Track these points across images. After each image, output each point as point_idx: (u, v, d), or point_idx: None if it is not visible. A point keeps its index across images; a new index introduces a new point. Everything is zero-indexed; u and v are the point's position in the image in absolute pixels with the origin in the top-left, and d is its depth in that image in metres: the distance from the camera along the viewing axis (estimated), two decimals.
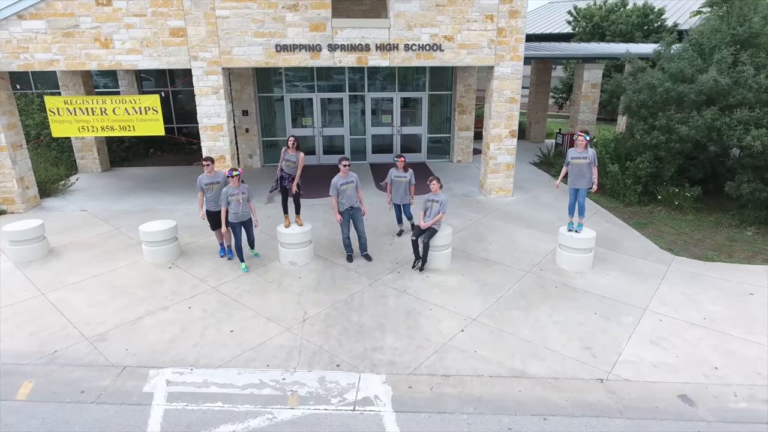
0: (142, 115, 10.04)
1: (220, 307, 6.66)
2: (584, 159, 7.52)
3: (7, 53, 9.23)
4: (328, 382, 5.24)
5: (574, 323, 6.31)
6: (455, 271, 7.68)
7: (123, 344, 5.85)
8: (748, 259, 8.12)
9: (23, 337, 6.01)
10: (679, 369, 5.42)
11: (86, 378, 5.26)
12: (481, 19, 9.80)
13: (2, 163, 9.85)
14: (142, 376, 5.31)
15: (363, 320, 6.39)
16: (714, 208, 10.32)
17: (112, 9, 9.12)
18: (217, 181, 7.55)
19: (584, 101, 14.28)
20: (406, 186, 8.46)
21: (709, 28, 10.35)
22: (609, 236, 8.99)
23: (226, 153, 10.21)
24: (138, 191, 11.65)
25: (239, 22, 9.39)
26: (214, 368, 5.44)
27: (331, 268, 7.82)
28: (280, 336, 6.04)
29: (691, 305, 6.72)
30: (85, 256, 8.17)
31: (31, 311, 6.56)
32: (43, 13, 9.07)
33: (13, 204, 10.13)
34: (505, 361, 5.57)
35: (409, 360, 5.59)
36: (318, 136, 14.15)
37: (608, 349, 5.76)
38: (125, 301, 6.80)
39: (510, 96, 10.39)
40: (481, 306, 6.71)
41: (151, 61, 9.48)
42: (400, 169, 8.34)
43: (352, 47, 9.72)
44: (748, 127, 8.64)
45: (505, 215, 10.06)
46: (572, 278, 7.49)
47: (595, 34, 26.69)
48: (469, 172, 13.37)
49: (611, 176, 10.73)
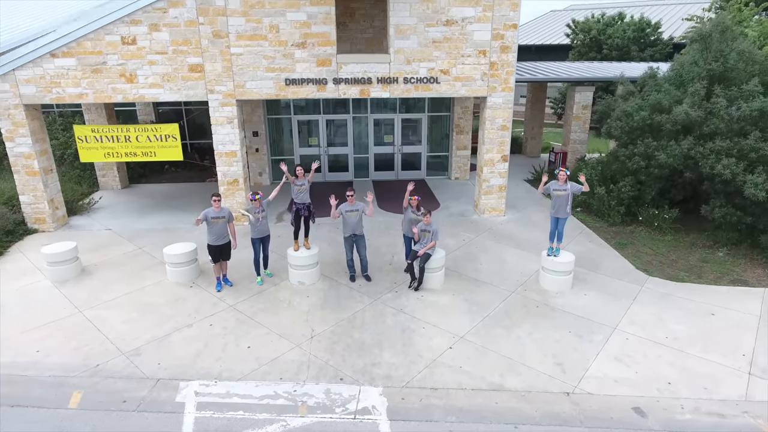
0: (163, 142, 10.94)
1: (238, 325, 7.54)
2: (564, 191, 8.33)
3: (41, 87, 10.15)
4: (333, 394, 6.09)
5: (551, 341, 7.13)
6: (447, 291, 8.51)
7: (155, 358, 6.73)
8: (715, 280, 8.91)
9: (68, 351, 6.91)
10: (637, 384, 6.24)
11: (126, 389, 6.15)
12: (474, 54, 10.62)
13: (35, 187, 10.78)
14: (174, 387, 6.19)
15: (364, 337, 7.24)
16: (692, 227, 11.08)
17: (136, 47, 10.02)
18: (223, 216, 8.18)
19: (575, 122, 15.06)
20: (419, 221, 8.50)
21: (689, 60, 11.12)
22: (590, 256, 9.80)
23: (239, 177, 11.09)
24: (157, 209, 12.55)
25: (252, 58, 10.26)
26: (235, 381, 6.31)
27: (335, 287, 8.68)
28: (291, 352, 6.90)
29: (657, 324, 7.53)
30: (114, 275, 9.07)
31: (72, 327, 7.46)
32: (74, 52, 9.98)
33: (45, 223, 11.05)
34: (487, 375, 6.41)
35: (402, 374, 6.44)
36: (324, 154, 15.02)
37: (577, 366, 6.58)
38: (154, 318, 7.69)
39: (502, 124, 11.21)
40: (469, 324, 7.55)
41: (172, 94, 10.37)
42: (414, 206, 8.55)
43: (356, 80, 10.57)
44: (720, 157, 9.42)
45: (497, 235, 10.88)
46: (553, 298, 8.30)
47: (593, 47, 27.41)
48: (466, 189, 14.19)
49: (597, 198, 11.53)
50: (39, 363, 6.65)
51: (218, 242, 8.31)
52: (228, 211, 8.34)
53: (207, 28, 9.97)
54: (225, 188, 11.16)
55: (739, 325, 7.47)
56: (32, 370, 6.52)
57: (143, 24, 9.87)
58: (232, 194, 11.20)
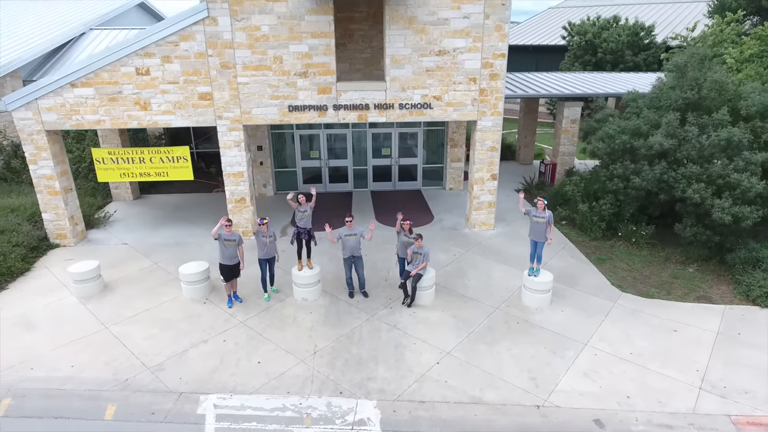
0: (174, 163, 11.73)
1: (248, 341, 8.41)
2: (542, 219, 9.13)
3: (62, 115, 10.92)
4: (334, 407, 6.98)
5: (527, 356, 8.00)
6: (438, 307, 9.37)
7: (177, 373, 7.62)
8: (682, 296, 9.75)
9: (99, 366, 7.79)
10: (600, 397, 7.12)
11: (154, 402, 7.04)
12: (465, 82, 11.34)
13: (57, 205, 11.60)
14: (195, 400, 7.08)
15: (361, 352, 8.12)
16: (668, 241, 11.87)
17: (150, 78, 10.76)
18: (234, 239, 9.02)
19: (564, 135, 15.78)
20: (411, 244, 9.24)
21: (669, 84, 11.83)
22: (570, 272, 10.63)
23: (246, 195, 11.89)
24: (168, 222, 13.38)
25: (257, 87, 11.00)
26: (248, 394, 7.19)
27: (336, 303, 9.55)
28: (296, 367, 7.78)
29: (624, 340, 8.39)
30: (134, 291, 9.93)
31: (100, 343, 8.34)
32: (92, 82, 10.73)
33: (65, 239, 11.90)
34: (468, 389, 7.29)
35: (395, 388, 7.32)
36: (324, 166, 15.80)
37: (549, 380, 7.46)
38: (173, 334, 8.57)
39: (491, 145, 11.97)
40: (456, 340, 8.41)
41: (183, 120, 11.13)
42: (406, 230, 9.29)
43: (354, 106, 11.32)
44: (691, 181, 10.20)
45: (486, 250, 11.71)
46: (532, 314, 9.16)
47: (588, 50, 27.94)
48: (459, 200, 14.98)
49: (580, 213, 12.33)
50: (74, 378, 7.53)
51: (229, 263, 9.15)
52: (239, 235, 9.17)
53: (215, 60, 10.70)
54: (233, 206, 11.98)
55: (698, 342, 8.33)
56: (69, 384, 7.41)
57: (156, 56, 10.60)
58: (239, 211, 12.02)
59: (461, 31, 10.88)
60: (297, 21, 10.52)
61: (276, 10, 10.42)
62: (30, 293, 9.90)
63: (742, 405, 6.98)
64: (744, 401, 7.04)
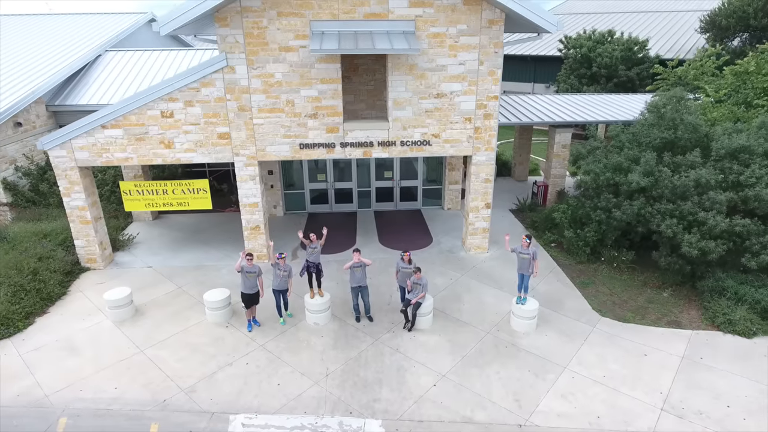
0: (195, 195, 12.82)
1: (268, 363, 9.54)
2: (528, 255, 10.22)
3: (93, 153, 11.99)
4: (345, 425, 8.11)
5: (513, 379, 9.12)
6: (435, 332, 10.48)
7: (207, 395, 8.75)
8: (655, 321, 10.85)
9: (139, 388, 8.93)
10: (574, 417, 8.24)
11: (190, 421, 8.18)
12: (461, 121, 12.39)
13: (88, 233, 12.71)
14: (225, 420, 8.21)
15: (367, 375, 9.24)
16: (647, 265, 12.90)
17: (173, 120, 11.82)
18: (254, 271, 10.15)
19: (556, 159, 16.82)
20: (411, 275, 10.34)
21: (649, 121, 12.85)
22: (556, 296, 11.73)
23: (260, 224, 12.99)
24: (187, 245, 14.48)
25: (271, 127, 12.06)
26: (271, 414, 8.33)
27: (344, 327, 10.67)
28: (311, 389, 8.91)
29: (599, 364, 9.50)
30: (162, 315, 11.06)
31: (138, 366, 9.47)
32: (121, 124, 11.79)
33: (95, 263, 13.02)
34: (460, 410, 8.41)
35: (397, 409, 8.45)
36: (330, 188, 16.87)
37: (531, 402, 8.58)
38: (201, 358, 9.70)
39: (485, 178, 13.04)
40: (450, 363, 9.53)
41: (203, 157, 12.21)
42: (405, 261, 10.47)
43: (359, 144, 12.38)
44: (665, 217, 11.26)
45: (480, 274, 12.81)
46: (519, 338, 10.27)
47: (584, 63, 28.89)
48: (456, 222, 16.06)
49: (567, 239, 13.41)
50: (119, 399, 8.68)
51: (250, 291, 10.27)
52: (258, 267, 10.27)
53: (233, 104, 11.75)
54: (248, 232, 13.08)
55: (664, 366, 9.44)
56: (115, 405, 8.55)
57: (179, 101, 11.65)
58: (254, 237, 13.13)
59: (457, 76, 11.91)
60: (308, 69, 11.55)
61: (288, 59, 11.45)
62: (69, 317, 11.03)
63: (696, 425, 8.10)
64: (698, 421, 8.16)
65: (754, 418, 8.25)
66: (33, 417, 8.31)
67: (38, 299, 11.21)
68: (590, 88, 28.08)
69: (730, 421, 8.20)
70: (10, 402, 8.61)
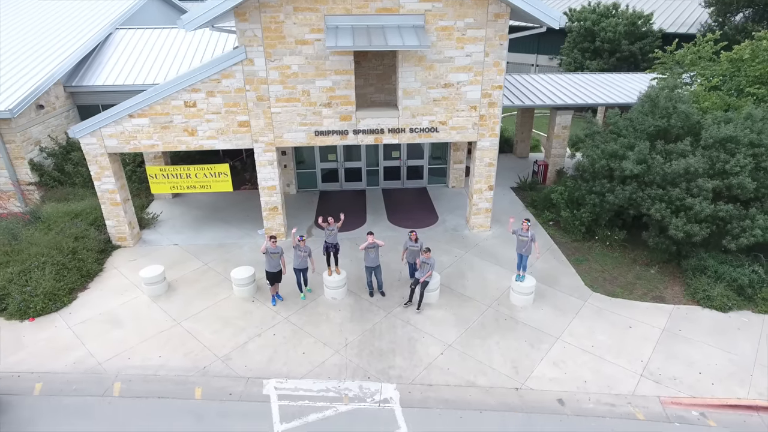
0: (216, 178, 13.69)
1: (293, 335, 10.68)
2: (526, 237, 11.19)
3: (121, 140, 12.78)
4: (364, 389, 9.31)
5: (511, 349, 10.27)
6: (441, 306, 11.59)
7: (242, 362, 9.92)
8: (641, 296, 11.94)
9: (180, 356, 10.09)
10: (564, 382, 9.43)
11: (229, 385, 9.37)
12: (467, 109, 13.10)
13: (118, 214, 13.66)
14: (259, 384, 9.40)
15: (382, 345, 10.40)
16: (637, 243, 13.87)
17: (196, 109, 12.54)
18: (278, 252, 11.15)
19: (556, 140, 17.55)
20: (418, 252, 11.55)
21: (645, 110, 13.54)
22: (552, 273, 12.79)
23: (278, 205, 13.91)
24: (208, 223, 15.44)
25: (288, 115, 12.80)
26: (299, 379, 9.51)
27: (359, 302, 11.77)
28: (332, 357, 10.07)
29: (588, 335, 10.64)
30: (193, 291, 12.14)
31: (176, 337, 10.62)
32: (147, 113, 12.53)
33: (125, 241, 14.03)
34: (465, 375, 9.60)
35: (409, 374, 9.63)
36: (341, 168, 17.70)
37: (526, 368, 9.75)
38: (232, 330, 10.83)
39: (489, 162, 13.86)
40: (455, 335, 10.67)
41: (224, 143, 13.00)
42: (412, 240, 11.57)
43: (371, 131, 13.14)
44: (654, 201, 12.16)
45: (482, 252, 13.84)
46: (518, 312, 11.39)
47: (587, 37, 29.04)
48: (460, 200, 16.97)
49: (564, 218, 14.37)
50: (164, 366, 9.85)
51: (274, 270, 11.31)
52: (281, 248, 11.27)
53: (252, 94, 12.45)
54: (267, 213, 14.02)
55: (646, 337, 10.58)
56: (161, 371, 9.73)
57: (201, 92, 12.34)
58: (272, 218, 14.08)
59: (464, 67, 12.55)
60: (322, 61, 12.19)
61: (304, 52, 12.07)
62: (108, 293, 12.12)
63: (671, 389, 9.29)
64: (672, 386, 9.36)
65: (721, 384, 9.44)
66: (90, 382, 9.50)
67: (79, 276, 12.27)
68: (593, 62, 28.39)
69: (700, 385, 9.40)
70: (68, 369, 9.79)
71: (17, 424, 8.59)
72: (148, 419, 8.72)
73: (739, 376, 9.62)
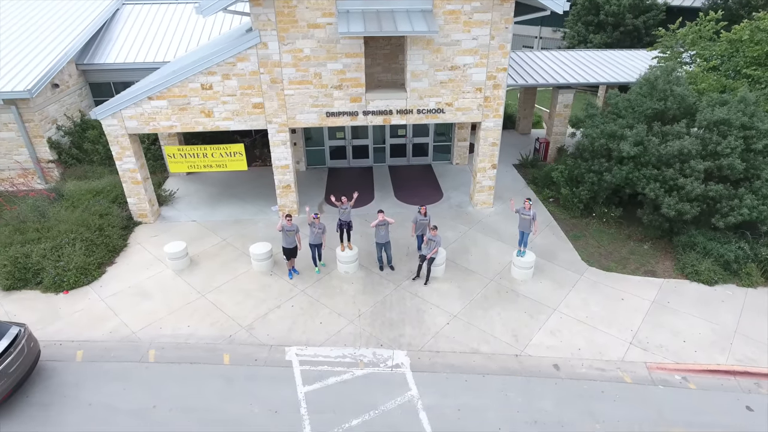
0: (231, 157, 14.29)
1: (309, 306, 11.54)
2: (528, 216, 11.90)
3: (141, 122, 13.31)
4: (377, 355, 10.21)
5: (512, 319, 11.15)
6: (447, 279, 12.42)
7: (264, 331, 10.80)
8: (633, 270, 12.76)
9: (207, 326, 10.97)
10: (559, 349, 10.33)
11: (254, 352, 10.28)
12: (472, 91, 13.58)
13: (139, 192, 14.33)
14: (281, 351, 10.31)
15: (392, 316, 11.27)
16: (632, 220, 14.61)
17: (212, 92, 13.03)
18: (293, 229, 11.88)
19: (558, 118, 18.03)
20: (426, 226, 12.45)
21: (644, 92, 14.01)
22: (551, 249, 13.57)
23: (291, 183, 14.56)
24: (223, 200, 16.12)
25: (301, 97, 13.29)
26: (317, 346, 10.41)
27: (370, 275, 12.59)
28: (347, 326, 10.95)
29: (583, 307, 11.50)
30: (214, 265, 12.94)
31: (202, 309, 11.47)
32: (166, 95, 13.01)
33: (146, 217, 14.75)
34: (469, 343, 10.49)
35: (418, 342, 10.53)
36: (348, 145, 18.24)
37: (526, 337, 10.64)
38: (254, 301, 11.68)
39: (492, 142, 14.43)
40: (460, 306, 11.53)
41: (239, 124, 13.54)
42: (422, 214, 12.37)
43: (380, 112, 13.65)
44: (649, 181, 12.82)
45: (485, 228, 14.58)
46: (518, 285, 12.22)
47: (591, 9, 28.97)
48: (464, 177, 17.61)
49: (563, 196, 15.05)
50: (193, 334, 10.74)
51: (290, 246, 12.07)
52: (296, 225, 12.00)
53: (266, 77, 12.90)
54: (280, 190, 14.69)
55: (637, 309, 11.44)
56: (191, 339, 10.62)
57: (217, 75, 12.80)
58: (285, 195, 14.76)
59: (470, 50, 12.96)
60: (333, 44, 12.60)
61: (316, 36, 12.47)
62: (134, 267, 12.92)
63: (656, 355, 10.20)
64: (658, 353, 10.27)
65: (703, 351, 10.35)
66: (127, 350, 10.40)
67: (106, 251, 13.04)
68: (596, 36, 28.42)
69: (683, 352, 10.31)
70: (105, 338, 10.68)
71: (65, 387, 9.52)
72: (182, 382, 9.65)
73: (720, 344, 10.52)
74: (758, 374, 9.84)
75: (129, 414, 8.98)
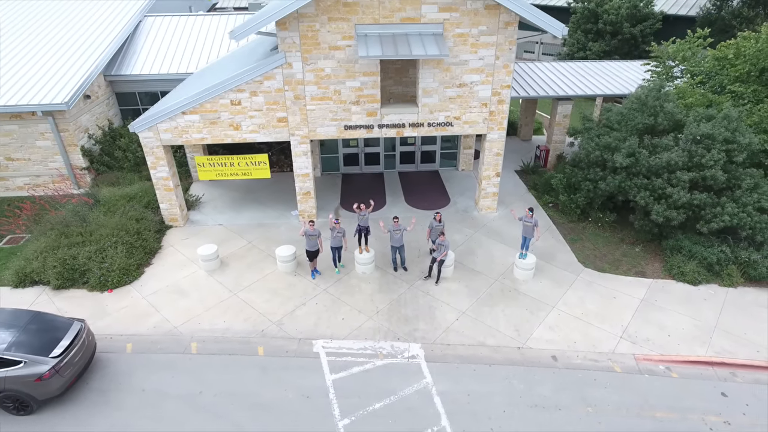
0: (256, 166, 15.50)
1: (332, 304, 12.77)
2: (530, 223, 13.11)
3: (175, 134, 14.51)
4: (395, 347, 11.46)
5: (515, 316, 12.38)
6: (456, 279, 13.65)
7: (293, 326, 12.04)
8: (625, 271, 13.98)
9: (241, 322, 12.21)
10: (557, 343, 11.57)
11: (284, 345, 11.52)
12: (478, 106, 14.77)
13: (171, 198, 15.55)
14: (309, 344, 11.55)
15: (407, 312, 12.50)
16: (625, 224, 15.80)
17: (241, 107, 14.22)
18: (315, 234, 13.11)
19: (557, 127, 19.22)
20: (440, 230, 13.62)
21: (634, 108, 15.18)
22: (550, 251, 14.80)
23: (310, 190, 15.78)
24: (246, 204, 17.33)
25: (321, 112, 14.48)
26: (341, 340, 11.65)
27: (385, 276, 13.82)
28: (367, 322, 12.19)
29: (579, 304, 12.74)
30: (243, 266, 14.17)
31: (235, 306, 12.71)
32: (198, 110, 14.21)
33: (177, 221, 15.97)
34: (476, 337, 11.74)
35: (431, 336, 11.76)
36: (361, 152, 19.44)
37: (527, 331, 11.88)
38: (281, 299, 12.92)
39: (497, 152, 15.63)
40: (468, 304, 12.76)
41: (265, 136, 14.74)
42: (437, 220, 13.55)
43: (393, 125, 14.85)
44: (640, 190, 14.02)
45: (490, 231, 15.80)
46: (520, 284, 13.45)
47: (590, 18, 30.09)
48: (469, 183, 18.81)
49: (562, 202, 16.27)
50: (229, 329, 11.98)
51: (313, 249, 13.30)
52: (318, 230, 13.22)
53: (290, 93, 14.10)
54: (301, 197, 15.91)
55: (627, 306, 12.67)
56: (227, 333, 11.86)
57: (246, 92, 13.99)
58: (306, 201, 15.99)
59: (477, 69, 14.14)
60: (352, 64, 13.78)
61: (336, 57, 13.65)
62: (170, 268, 14.15)
63: (643, 348, 11.44)
64: (645, 346, 11.51)
65: (685, 344, 11.59)
66: (170, 342, 11.64)
67: (144, 253, 14.27)
68: (595, 44, 29.55)
69: (668, 345, 11.55)
70: (149, 332, 11.92)
71: (120, 375, 10.77)
72: (223, 371, 10.89)
73: (701, 338, 11.75)
74: (734, 365, 11.08)
75: (179, 398, 10.24)
